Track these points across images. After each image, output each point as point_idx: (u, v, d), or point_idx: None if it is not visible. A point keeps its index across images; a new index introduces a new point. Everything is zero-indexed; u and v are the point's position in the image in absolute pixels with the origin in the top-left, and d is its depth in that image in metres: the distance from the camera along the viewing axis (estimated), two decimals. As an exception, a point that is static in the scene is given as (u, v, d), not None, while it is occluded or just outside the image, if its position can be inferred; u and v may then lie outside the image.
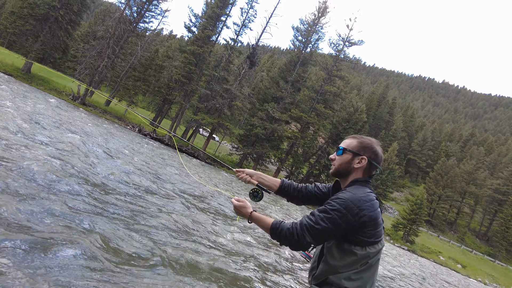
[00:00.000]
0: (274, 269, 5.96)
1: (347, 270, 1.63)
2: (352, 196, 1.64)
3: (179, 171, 13.51)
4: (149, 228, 5.03)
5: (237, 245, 6.30)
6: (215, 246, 5.63)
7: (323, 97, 37.17)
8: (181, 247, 4.80)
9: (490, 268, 48.62)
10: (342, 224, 1.59)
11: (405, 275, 14.52)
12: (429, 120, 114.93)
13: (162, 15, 37.54)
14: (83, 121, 17.02)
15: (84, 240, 3.59)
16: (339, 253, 1.66)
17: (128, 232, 4.46)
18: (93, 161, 7.76)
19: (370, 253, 1.64)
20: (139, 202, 6.30)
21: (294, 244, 1.67)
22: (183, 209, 7.17)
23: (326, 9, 38.06)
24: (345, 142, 1.86)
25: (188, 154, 31.37)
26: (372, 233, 1.64)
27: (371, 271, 1.68)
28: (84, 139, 10.24)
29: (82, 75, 31.00)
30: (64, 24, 34.43)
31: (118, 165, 8.85)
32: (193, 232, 5.89)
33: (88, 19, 73.43)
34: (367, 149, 1.78)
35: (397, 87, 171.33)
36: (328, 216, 1.61)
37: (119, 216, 5.00)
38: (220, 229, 6.87)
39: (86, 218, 4.25)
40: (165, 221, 5.66)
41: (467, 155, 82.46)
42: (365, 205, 1.61)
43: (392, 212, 59.22)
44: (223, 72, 34.62)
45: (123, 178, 7.49)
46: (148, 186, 7.97)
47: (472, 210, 67.60)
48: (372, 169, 1.81)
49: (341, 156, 1.82)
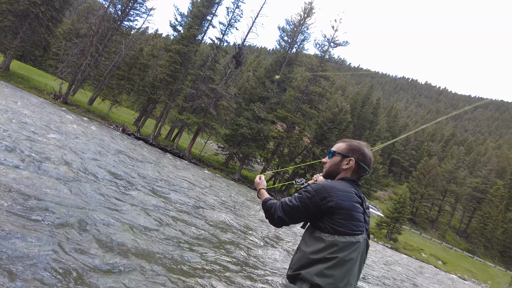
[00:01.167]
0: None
1: (316, 257, 1.67)
2: (326, 183, 1.78)
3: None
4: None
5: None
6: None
7: (308, 97, 37.47)
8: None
9: (469, 264, 50.10)
10: (309, 204, 1.73)
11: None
12: (412, 121, 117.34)
13: (147, 13, 37.15)
14: (64, 120, 16.68)
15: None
16: (310, 239, 1.76)
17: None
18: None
19: (338, 242, 1.66)
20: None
21: (270, 217, 1.86)
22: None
23: (312, 10, 38.38)
24: (335, 146, 2.00)
25: (173, 154, 31.14)
26: (343, 223, 1.68)
27: (344, 269, 1.65)
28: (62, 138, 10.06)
29: (64, 74, 30.30)
30: (45, 21, 33.59)
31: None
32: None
33: (70, 16, 71.74)
34: (355, 151, 1.91)
35: (381, 88, 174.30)
36: (299, 196, 1.78)
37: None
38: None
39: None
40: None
41: (448, 154, 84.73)
42: (336, 193, 1.71)
43: (376, 211, 60.21)
44: (209, 71, 34.47)
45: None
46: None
47: (453, 208, 69.50)
48: (361, 170, 1.91)
49: (331, 158, 1.96)
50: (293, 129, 38.32)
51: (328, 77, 38.41)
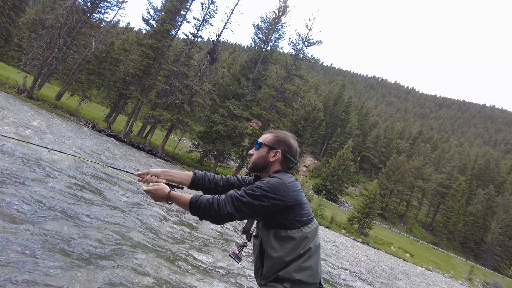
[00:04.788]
0: (211, 273, 5.97)
1: (291, 257, 1.65)
2: (275, 178, 1.70)
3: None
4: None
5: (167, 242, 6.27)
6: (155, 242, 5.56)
7: (283, 95, 37.80)
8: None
9: (434, 255, 52.72)
10: (265, 202, 1.64)
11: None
12: (382, 119, 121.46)
13: (119, 6, 35.87)
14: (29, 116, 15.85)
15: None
16: (277, 242, 1.68)
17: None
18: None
19: (307, 233, 1.68)
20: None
21: (214, 214, 1.67)
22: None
23: (287, 8, 38.67)
24: (262, 137, 1.93)
25: (146, 152, 30.44)
26: (303, 213, 1.70)
27: (317, 256, 1.71)
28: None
29: (28, 67, 28.70)
30: (6, 9, 31.72)
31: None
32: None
33: (34, 6, 68.09)
34: (282, 142, 1.86)
35: (352, 86, 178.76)
36: (253, 193, 1.65)
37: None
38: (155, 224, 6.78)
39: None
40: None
41: (415, 151, 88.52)
42: (288, 185, 1.68)
43: (348, 206, 61.90)
44: (182, 67, 33.89)
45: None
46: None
47: (420, 203, 72.76)
48: (288, 162, 1.87)
49: (258, 150, 1.88)
50: (268, 126, 38.55)
51: (302, 75, 38.92)
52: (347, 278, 10.78)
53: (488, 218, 65.63)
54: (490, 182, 78.22)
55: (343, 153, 63.80)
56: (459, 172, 77.07)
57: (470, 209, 66.03)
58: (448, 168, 74.94)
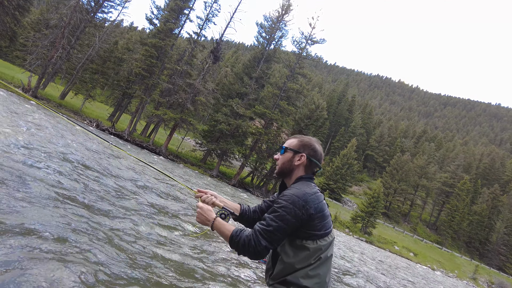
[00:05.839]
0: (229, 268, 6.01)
1: (302, 266, 1.67)
2: (296, 191, 1.71)
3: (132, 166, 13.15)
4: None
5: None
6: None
7: (286, 94, 37.72)
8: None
9: (438, 255, 52.48)
10: (291, 219, 1.64)
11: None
12: (385, 118, 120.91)
13: (122, 5, 36.02)
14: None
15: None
16: (292, 250, 1.70)
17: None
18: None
19: (321, 245, 1.70)
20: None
21: (252, 252, 1.66)
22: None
23: (290, 6, 38.54)
24: (287, 141, 1.95)
25: (150, 151, 30.57)
26: (321, 225, 1.71)
27: (326, 266, 1.73)
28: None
29: (33, 66, 28.89)
30: (11, 9, 31.82)
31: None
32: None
33: (39, 5, 68.50)
34: (306, 147, 1.88)
35: (356, 85, 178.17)
36: (277, 214, 1.66)
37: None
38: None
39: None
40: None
41: (419, 150, 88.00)
42: (309, 198, 1.69)
43: (351, 205, 61.74)
44: (186, 66, 33.95)
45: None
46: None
47: (424, 202, 72.38)
48: (313, 166, 1.89)
49: (283, 155, 1.91)
50: (271, 125, 38.52)
51: (305, 74, 38.82)
52: (347, 278, 10.77)
53: (493, 217, 65.14)
54: (495, 181, 77.60)
55: (346, 152, 63.58)
56: (463, 171, 76.58)
57: (475, 208, 65.58)
58: (453, 167, 74.49)
